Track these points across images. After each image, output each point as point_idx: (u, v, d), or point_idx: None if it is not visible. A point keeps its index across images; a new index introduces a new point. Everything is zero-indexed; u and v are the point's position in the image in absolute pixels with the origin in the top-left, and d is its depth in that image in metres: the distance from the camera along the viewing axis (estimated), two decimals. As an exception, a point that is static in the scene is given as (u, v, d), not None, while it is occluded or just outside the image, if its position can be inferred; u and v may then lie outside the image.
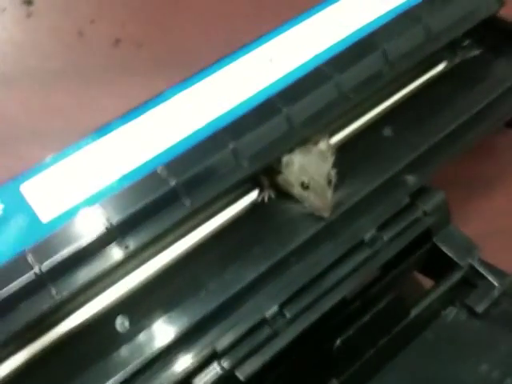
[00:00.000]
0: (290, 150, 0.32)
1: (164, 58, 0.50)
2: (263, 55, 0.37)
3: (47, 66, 0.50)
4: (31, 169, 0.33)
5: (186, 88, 0.36)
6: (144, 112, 0.35)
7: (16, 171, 0.43)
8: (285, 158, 0.32)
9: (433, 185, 0.34)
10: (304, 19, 0.39)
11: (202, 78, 0.36)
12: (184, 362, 0.28)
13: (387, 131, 0.36)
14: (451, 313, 0.31)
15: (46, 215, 0.29)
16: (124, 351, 0.28)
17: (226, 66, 0.37)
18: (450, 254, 0.32)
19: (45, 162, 0.33)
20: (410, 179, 0.34)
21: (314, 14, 0.40)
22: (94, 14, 0.52)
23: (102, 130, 0.34)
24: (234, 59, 0.37)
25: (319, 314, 0.29)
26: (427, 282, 0.36)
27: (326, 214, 0.31)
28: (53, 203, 0.30)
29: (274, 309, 0.29)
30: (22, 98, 0.48)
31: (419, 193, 0.34)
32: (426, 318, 0.31)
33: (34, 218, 0.29)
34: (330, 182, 0.32)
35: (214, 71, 0.36)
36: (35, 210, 0.30)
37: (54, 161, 0.32)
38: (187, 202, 0.29)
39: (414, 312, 0.31)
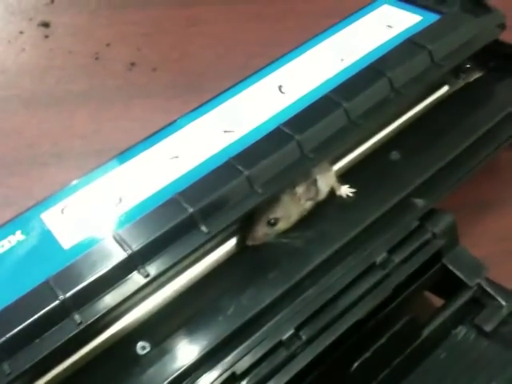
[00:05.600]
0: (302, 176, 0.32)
1: (178, 81, 0.50)
2: (273, 82, 0.37)
3: (65, 88, 0.50)
4: (52, 195, 0.33)
5: (198, 116, 0.36)
6: (160, 139, 0.35)
7: (36, 192, 0.43)
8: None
9: (442, 206, 0.34)
10: (312, 45, 0.40)
11: (214, 106, 0.36)
12: (205, 384, 0.28)
13: (394, 155, 0.36)
14: (461, 332, 0.31)
15: (67, 242, 0.29)
16: (145, 374, 0.28)
17: (237, 93, 0.37)
18: (458, 275, 0.32)
19: (65, 189, 0.33)
20: (419, 202, 0.34)
21: (322, 40, 0.40)
22: (109, 38, 0.52)
23: (121, 156, 0.35)
24: (245, 87, 0.37)
25: (335, 336, 0.29)
26: (436, 300, 0.35)
27: (249, 242, 0.32)
28: (74, 230, 0.30)
29: (291, 331, 0.29)
30: (41, 119, 0.48)
31: (428, 215, 0.33)
32: (436, 337, 0.31)
33: (55, 244, 0.29)
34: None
35: (225, 99, 0.37)
36: (57, 236, 0.30)
37: (75, 188, 0.33)
38: (205, 229, 0.29)
39: (425, 332, 0.31)
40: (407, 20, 0.40)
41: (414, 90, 0.35)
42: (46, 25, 0.52)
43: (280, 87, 0.36)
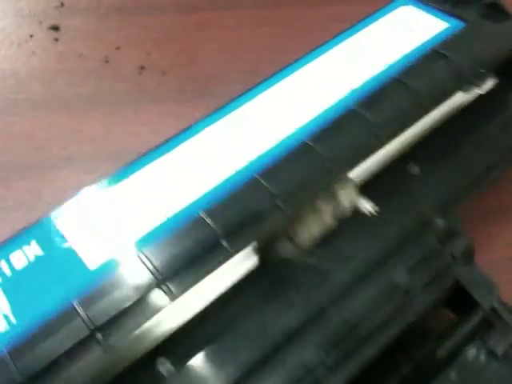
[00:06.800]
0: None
1: (187, 85, 0.50)
2: (293, 89, 0.36)
3: (75, 91, 0.50)
4: (67, 201, 0.32)
5: (214, 122, 0.35)
6: (176, 145, 0.34)
7: (45, 195, 0.44)
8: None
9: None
10: (324, 51, 0.39)
11: (225, 114, 0.36)
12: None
13: (413, 168, 0.36)
14: (471, 351, 0.31)
15: (89, 258, 0.29)
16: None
17: (249, 100, 0.36)
18: (472, 294, 0.32)
19: (80, 194, 0.32)
20: (440, 221, 0.33)
21: (336, 44, 0.39)
22: (119, 41, 0.52)
23: (137, 162, 0.34)
24: (259, 91, 0.37)
25: (361, 362, 0.29)
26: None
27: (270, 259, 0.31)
28: (94, 243, 0.29)
29: (315, 358, 0.29)
30: (50, 123, 0.48)
31: (448, 236, 0.33)
32: (447, 356, 0.31)
33: (77, 262, 0.29)
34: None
35: (239, 105, 0.36)
36: (79, 253, 0.29)
37: (90, 194, 0.32)
38: (229, 247, 0.29)
39: (439, 352, 0.31)
40: (431, 26, 0.39)
41: (436, 101, 0.35)
42: (55, 28, 0.52)
43: (302, 95, 0.36)
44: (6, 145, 0.46)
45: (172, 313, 0.29)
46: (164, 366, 0.29)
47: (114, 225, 0.30)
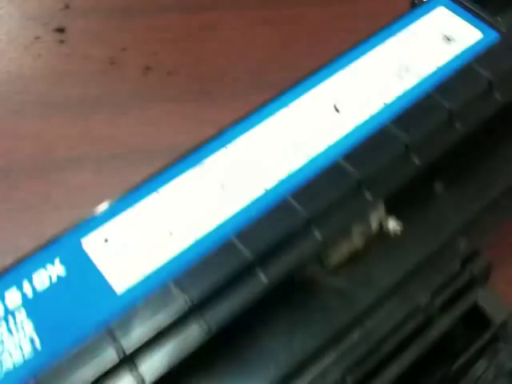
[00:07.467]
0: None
1: (192, 86, 0.50)
2: (326, 99, 0.34)
3: (81, 93, 0.50)
4: (91, 218, 0.29)
5: (243, 132, 0.33)
6: (203, 159, 0.31)
7: (53, 196, 0.44)
8: None
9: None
10: (363, 54, 0.36)
11: (255, 124, 0.33)
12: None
13: (438, 187, 0.34)
14: (481, 367, 0.31)
15: (119, 285, 0.27)
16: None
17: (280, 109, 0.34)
18: (486, 312, 0.31)
19: (104, 212, 0.29)
20: (463, 244, 0.32)
21: (372, 48, 0.36)
22: (125, 42, 0.52)
23: (165, 173, 0.31)
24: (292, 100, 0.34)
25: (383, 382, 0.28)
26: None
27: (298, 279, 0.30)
28: (121, 266, 0.27)
29: (338, 376, 0.28)
30: (57, 124, 0.48)
31: (470, 257, 0.32)
32: (459, 372, 0.31)
33: (105, 285, 0.27)
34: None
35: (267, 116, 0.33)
36: (106, 276, 0.27)
37: (115, 211, 0.29)
38: (264, 278, 0.27)
39: (454, 368, 0.30)
40: (467, 35, 0.37)
41: (473, 126, 0.33)
42: (61, 30, 0.52)
43: (335, 106, 0.33)
44: (12, 146, 0.47)
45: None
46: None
47: (139, 240, 0.28)
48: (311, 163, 0.31)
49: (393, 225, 0.32)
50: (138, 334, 0.25)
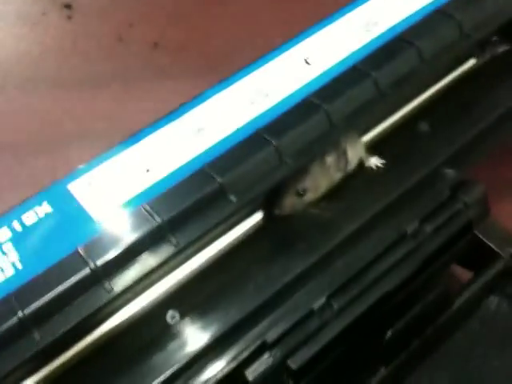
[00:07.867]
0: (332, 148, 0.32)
1: (201, 62, 0.50)
2: (298, 55, 0.36)
3: (88, 69, 0.50)
4: (77, 169, 0.32)
5: (225, 88, 0.35)
6: (186, 112, 0.34)
7: (62, 172, 0.43)
8: None
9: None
10: (335, 20, 0.38)
11: (240, 78, 0.35)
12: (236, 353, 0.27)
13: (423, 126, 0.35)
14: (493, 302, 0.31)
15: (96, 213, 0.29)
16: (176, 342, 0.28)
17: (263, 65, 0.36)
18: (490, 245, 0.31)
19: (90, 162, 0.32)
20: (450, 172, 0.33)
21: (345, 14, 0.38)
22: (132, 18, 0.52)
23: (147, 129, 0.33)
24: (270, 59, 0.36)
25: (366, 306, 0.28)
26: (465, 275, 0.35)
27: (277, 213, 0.31)
28: (102, 201, 0.29)
29: (322, 300, 0.28)
30: (65, 101, 0.48)
31: (460, 185, 0.33)
32: (468, 308, 0.30)
33: (85, 216, 0.29)
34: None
35: (251, 71, 0.35)
36: (86, 208, 0.29)
37: (100, 160, 0.32)
38: (234, 199, 0.28)
39: (458, 302, 0.30)
40: None
41: (443, 61, 0.34)
42: (68, 6, 0.52)
43: (306, 59, 0.35)
44: (20, 122, 0.46)
45: (178, 265, 0.29)
46: (172, 317, 0.28)
47: (119, 179, 0.30)
48: (281, 104, 0.32)
49: (374, 161, 0.34)
50: (109, 250, 0.27)
